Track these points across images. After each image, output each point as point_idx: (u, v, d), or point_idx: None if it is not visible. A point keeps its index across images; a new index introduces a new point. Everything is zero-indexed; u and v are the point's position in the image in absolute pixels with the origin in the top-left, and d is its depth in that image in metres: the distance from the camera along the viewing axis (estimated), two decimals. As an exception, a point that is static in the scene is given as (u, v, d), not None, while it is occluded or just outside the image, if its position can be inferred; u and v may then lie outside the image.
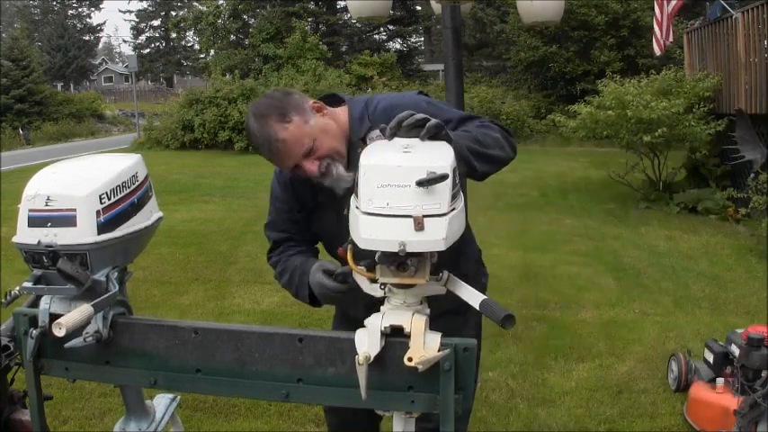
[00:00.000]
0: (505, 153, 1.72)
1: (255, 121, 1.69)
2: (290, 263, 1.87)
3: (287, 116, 1.67)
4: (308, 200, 1.87)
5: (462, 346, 1.31)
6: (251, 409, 3.37)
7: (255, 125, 1.69)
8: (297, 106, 1.70)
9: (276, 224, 1.95)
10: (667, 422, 3.23)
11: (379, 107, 1.80)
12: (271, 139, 1.67)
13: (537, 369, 3.85)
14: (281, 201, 1.92)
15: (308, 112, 1.71)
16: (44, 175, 1.50)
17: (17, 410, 1.81)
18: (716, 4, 8.82)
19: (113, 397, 3.41)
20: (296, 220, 1.91)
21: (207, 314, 4.80)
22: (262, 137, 1.68)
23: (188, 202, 9.51)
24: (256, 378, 1.45)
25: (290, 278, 1.84)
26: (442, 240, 1.21)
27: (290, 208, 1.90)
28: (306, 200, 1.87)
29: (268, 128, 1.67)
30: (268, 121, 1.67)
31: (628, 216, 8.20)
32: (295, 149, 1.68)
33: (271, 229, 1.96)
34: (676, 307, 4.90)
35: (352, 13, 3.74)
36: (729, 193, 7.93)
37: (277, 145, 1.67)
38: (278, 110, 1.68)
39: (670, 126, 8.24)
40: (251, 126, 1.70)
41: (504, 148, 1.72)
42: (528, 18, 3.66)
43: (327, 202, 1.82)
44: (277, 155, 1.69)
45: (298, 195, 1.88)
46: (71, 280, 1.41)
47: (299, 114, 1.69)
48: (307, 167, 1.70)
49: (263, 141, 1.68)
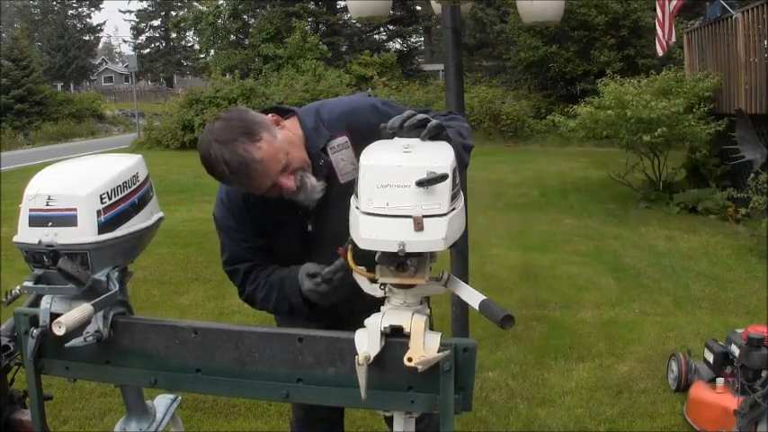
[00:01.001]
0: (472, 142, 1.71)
1: (222, 147, 1.54)
2: (272, 279, 1.76)
3: (256, 135, 1.57)
4: (266, 223, 1.77)
5: (462, 346, 1.31)
6: (251, 409, 3.37)
7: (223, 151, 1.54)
8: (261, 123, 1.60)
9: (239, 256, 1.80)
10: (667, 422, 3.23)
11: (334, 114, 1.74)
12: (247, 161, 1.54)
13: (537, 369, 3.85)
14: (237, 231, 1.79)
15: (272, 126, 1.62)
16: (45, 174, 1.51)
17: (17, 410, 1.81)
18: (716, 4, 8.82)
19: (113, 397, 3.41)
20: (257, 247, 1.80)
21: (207, 314, 4.81)
22: (235, 162, 1.54)
23: (188, 202, 9.52)
24: (256, 378, 1.45)
25: (279, 293, 1.73)
26: (442, 240, 1.21)
27: (251, 236, 1.78)
28: (265, 223, 1.77)
29: (241, 151, 1.54)
30: (238, 145, 1.54)
31: (628, 216, 8.20)
32: (272, 167, 1.58)
33: (233, 263, 1.81)
34: (676, 307, 4.90)
35: (352, 13, 3.74)
36: (729, 193, 7.93)
37: (255, 167, 1.55)
38: (244, 129, 1.56)
39: (670, 126, 8.24)
40: (215, 153, 1.55)
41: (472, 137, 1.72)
42: (528, 18, 3.65)
43: (288, 222, 1.76)
44: (255, 177, 1.57)
45: (255, 220, 1.77)
46: (72, 279, 1.41)
47: (266, 131, 1.59)
48: (284, 183, 1.62)
49: (238, 166, 1.54)
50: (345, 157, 1.72)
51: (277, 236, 1.79)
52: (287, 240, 1.78)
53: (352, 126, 1.72)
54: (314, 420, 2.14)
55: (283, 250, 1.80)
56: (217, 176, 1.61)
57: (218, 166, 1.56)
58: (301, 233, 1.77)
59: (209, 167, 1.59)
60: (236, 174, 1.56)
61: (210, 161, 1.57)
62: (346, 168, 1.72)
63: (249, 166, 1.55)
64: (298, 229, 1.77)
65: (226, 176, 1.58)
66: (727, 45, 8.75)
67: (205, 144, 1.58)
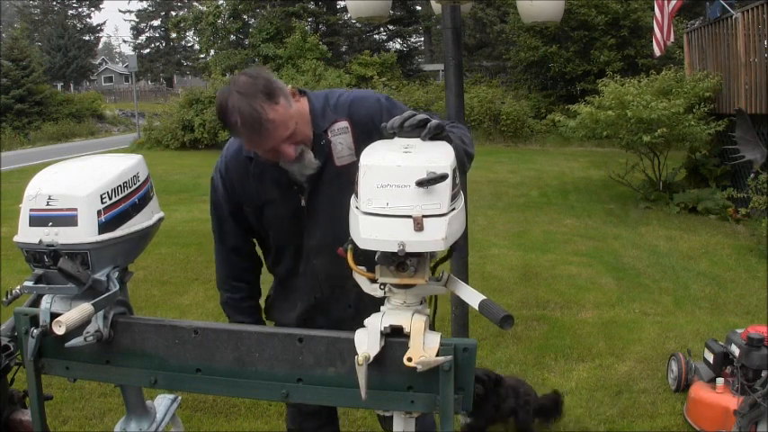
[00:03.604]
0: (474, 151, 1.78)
1: (241, 99, 1.62)
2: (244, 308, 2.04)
3: (275, 97, 1.65)
4: (254, 197, 1.87)
5: (462, 346, 1.31)
6: (251, 409, 3.37)
7: (241, 103, 1.61)
8: (281, 89, 1.68)
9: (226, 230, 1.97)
10: (667, 422, 3.24)
11: (341, 100, 1.83)
12: (260, 118, 1.61)
13: (537, 369, 3.85)
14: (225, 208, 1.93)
15: (290, 96, 1.71)
16: (45, 174, 1.51)
17: (17, 410, 1.81)
18: (716, 4, 8.82)
19: (113, 397, 3.41)
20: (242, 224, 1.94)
21: (207, 314, 4.80)
22: (248, 115, 1.61)
23: (188, 202, 9.51)
24: (256, 378, 1.45)
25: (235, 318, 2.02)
26: (442, 240, 1.21)
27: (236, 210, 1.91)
28: (253, 196, 1.87)
29: (258, 107, 1.61)
30: (256, 100, 1.62)
31: (628, 216, 8.20)
32: (280, 131, 1.66)
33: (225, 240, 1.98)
34: (676, 307, 4.90)
35: (351, 13, 3.73)
36: (729, 193, 7.94)
37: (266, 125, 1.63)
38: (266, 89, 1.64)
39: (670, 126, 8.24)
40: (233, 104, 1.62)
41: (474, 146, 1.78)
42: (528, 18, 3.65)
43: (281, 197, 1.85)
44: (262, 134, 1.64)
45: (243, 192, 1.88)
46: (72, 279, 1.41)
47: (285, 97, 1.68)
48: (285, 150, 1.70)
49: (249, 119, 1.61)
50: (343, 141, 1.80)
51: (269, 209, 1.88)
52: (280, 214, 1.87)
53: (354, 114, 1.81)
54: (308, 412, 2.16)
55: (276, 223, 1.90)
56: (228, 125, 1.67)
57: (232, 116, 1.63)
58: (295, 208, 1.85)
59: (222, 115, 1.66)
60: (246, 126, 1.62)
61: (227, 110, 1.64)
62: (343, 152, 1.80)
63: (261, 123, 1.62)
64: (291, 204, 1.85)
65: (236, 127, 1.64)
66: (727, 45, 8.75)
67: (225, 93, 1.65)
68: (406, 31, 28.03)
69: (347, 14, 23.66)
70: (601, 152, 13.51)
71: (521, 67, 19.88)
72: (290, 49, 21.14)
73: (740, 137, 7.53)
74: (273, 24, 23.05)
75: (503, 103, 17.42)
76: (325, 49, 21.77)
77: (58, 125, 25.28)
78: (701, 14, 12.41)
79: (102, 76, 53.26)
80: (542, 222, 7.94)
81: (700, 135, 8.39)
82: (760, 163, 7.20)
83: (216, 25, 24.33)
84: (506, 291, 5.30)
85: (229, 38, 24.90)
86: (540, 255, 6.43)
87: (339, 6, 26.07)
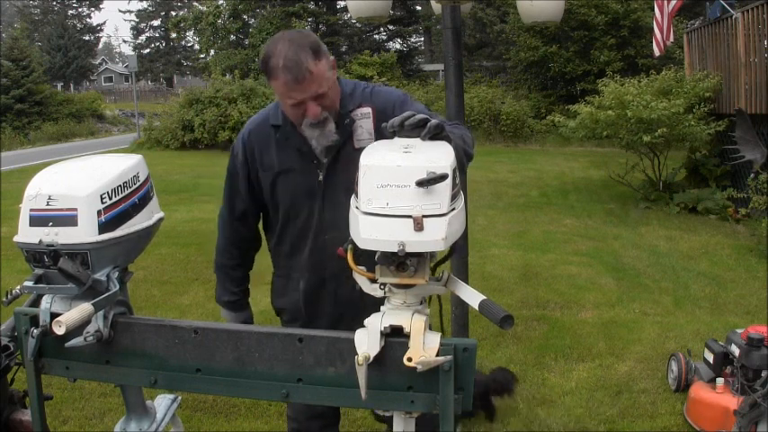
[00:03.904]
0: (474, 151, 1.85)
1: (290, 46, 1.73)
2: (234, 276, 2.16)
3: (319, 55, 1.76)
4: (273, 163, 1.96)
5: (462, 346, 1.31)
6: (251, 409, 3.37)
7: (288, 49, 1.73)
8: (326, 53, 1.80)
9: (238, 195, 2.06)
10: (667, 422, 3.24)
11: (367, 90, 1.96)
12: (302, 66, 1.72)
13: (537, 369, 3.85)
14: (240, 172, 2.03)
15: (331, 63, 1.83)
16: (45, 174, 1.51)
17: (17, 410, 1.81)
18: (716, 4, 8.82)
19: (113, 397, 3.41)
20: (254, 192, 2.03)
21: (207, 314, 4.80)
22: (292, 60, 1.72)
23: (188, 202, 9.51)
24: (256, 378, 1.45)
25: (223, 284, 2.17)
26: (442, 240, 1.21)
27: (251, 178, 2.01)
28: (272, 164, 1.96)
29: (302, 56, 1.72)
30: (303, 50, 1.73)
31: (628, 216, 8.20)
32: (314, 86, 1.75)
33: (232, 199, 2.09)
34: (676, 307, 4.90)
35: (352, 13, 3.73)
36: (729, 193, 7.94)
37: (304, 74, 1.72)
38: (313, 46, 1.76)
39: (670, 126, 8.24)
40: (281, 48, 1.73)
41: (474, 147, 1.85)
42: (528, 18, 3.65)
43: (298, 169, 1.93)
44: (298, 81, 1.73)
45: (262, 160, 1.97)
46: (72, 279, 1.41)
47: (327, 61, 1.80)
48: (311, 107, 1.79)
49: (292, 63, 1.71)
50: (365, 126, 1.90)
51: (285, 179, 1.96)
52: (296, 185, 1.94)
53: (377, 102, 1.92)
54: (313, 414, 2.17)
55: (290, 194, 1.96)
56: (269, 65, 1.76)
57: (277, 57, 1.74)
58: (312, 181, 1.93)
59: (267, 58, 1.77)
60: (286, 69, 1.73)
61: (273, 53, 1.75)
62: (363, 135, 1.90)
63: (300, 70, 1.72)
64: (309, 177, 1.92)
65: (277, 68, 1.74)
66: (727, 45, 8.75)
67: (276, 39, 1.79)
68: (406, 31, 28.03)
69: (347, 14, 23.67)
70: (601, 152, 13.51)
71: (521, 67, 19.88)
72: (290, 49, 21.11)
73: (740, 137, 7.53)
74: (273, 24, 23.05)
75: (503, 103, 17.42)
76: (325, 49, 21.75)
77: (58, 125, 25.28)
78: (701, 14, 12.41)
79: (102, 76, 53.27)
80: (542, 222, 7.94)
81: (700, 135, 8.40)
82: (760, 163, 7.20)
83: (216, 25, 24.35)
84: (506, 291, 5.30)
85: (229, 38, 24.92)
86: (540, 255, 6.43)
87: (339, 6, 26.08)
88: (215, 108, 17.22)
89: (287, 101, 1.81)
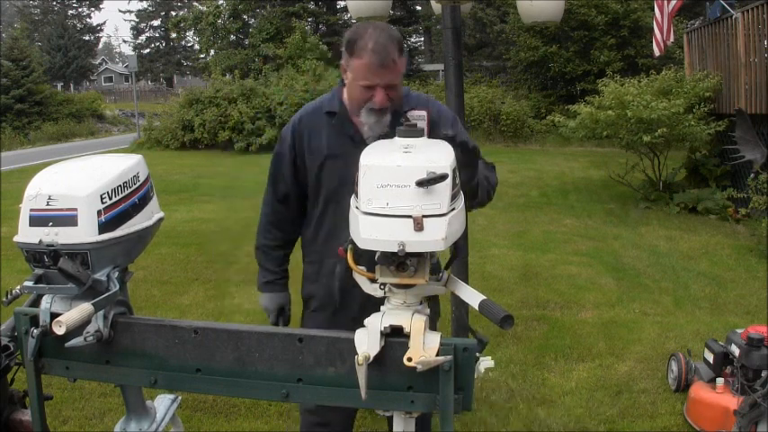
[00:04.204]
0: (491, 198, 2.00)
1: (379, 32, 1.90)
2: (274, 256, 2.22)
3: (402, 51, 1.94)
4: (322, 148, 2.06)
5: (462, 346, 1.31)
6: (251, 409, 3.37)
7: (379, 35, 1.89)
8: (405, 54, 1.98)
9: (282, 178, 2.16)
10: (667, 422, 3.24)
11: (423, 96, 2.14)
12: (389, 53, 1.88)
13: (537, 369, 3.85)
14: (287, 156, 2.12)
15: (405, 63, 1.98)
16: (45, 174, 1.51)
17: (17, 410, 1.81)
18: (716, 4, 8.82)
19: (113, 397, 3.41)
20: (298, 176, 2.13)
21: (207, 314, 4.80)
22: (382, 45, 1.87)
23: (188, 202, 9.51)
24: (256, 378, 1.45)
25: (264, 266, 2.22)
26: (442, 240, 1.21)
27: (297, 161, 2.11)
28: (321, 148, 2.06)
29: (390, 45, 1.89)
30: (392, 41, 1.90)
31: (628, 216, 8.20)
32: (392, 76, 1.91)
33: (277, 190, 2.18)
34: (676, 307, 4.90)
35: (352, 13, 3.74)
36: (729, 193, 7.94)
37: (388, 60, 1.88)
38: (400, 41, 1.94)
39: (670, 126, 8.24)
40: (373, 32, 1.89)
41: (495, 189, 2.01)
42: (528, 18, 3.65)
43: (345, 153, 1.98)
44: (382, 66, 1.88)
45: (310, 144, 2.08)
46: (72, 279, 1.41)
47: (405, 59, 1.97)
48: (380, 93, 1.91)
49: (380, 48, 1.87)
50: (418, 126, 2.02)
51: (332, 163, 2.05)
52: (340, 171, 2.01)
53: (434, 111, 2.07)
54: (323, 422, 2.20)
55: (335, 178, 2.04)
56: (357, 44, 1.90)
57: (366, 39, 1.89)
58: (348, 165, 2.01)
59: (357, 36, 1.91)
60: (374, 52, 1.88)
61: (363, 33, 1.91)
62: None
63: (386, 57, 1.88)
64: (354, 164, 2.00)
65: (365, 48, 1.88)
66: (727, 45, 8.75)
67: (365, 24, 1.96)
68: (406, 31, 28.01)
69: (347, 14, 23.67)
70: (601, 152, 13.51)
71: (521, 67, 19.88)
72: (290, 49, 21.14)
73: (740, 137, 7.53)
74: (273, 24, 23.07)
75: (503, 103, 17.41)
76: (325, 49, 21.76)
77: (58, 125, 25.27)
78: (701, 14, 12.41)
79: (102, 76, 53.26)
80: (542, 222, 7.94)
81: (700, 135, 8.39)
82: (760, 163, 7.21)
83: (216, 25, 24.35)
84: (506, 291, 5.30)
85: (229, 38, 24.92)
86: (540, 255, 6.43)
87: (339, 6, 26.10)
88: (215, 108, 17.22)
89: (362, 81, 1.92)
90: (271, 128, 16.67)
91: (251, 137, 16.66)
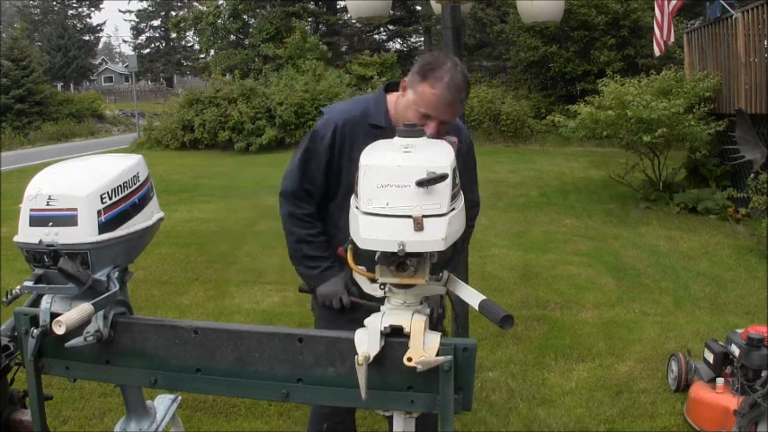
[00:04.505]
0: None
1: (458, 70, 1.95)
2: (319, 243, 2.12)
3: (467, 96, 2.04)
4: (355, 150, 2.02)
5: (462, 346, 1.31)
6: (251, 409, 3.37)
7: (456, 71, 1.95)
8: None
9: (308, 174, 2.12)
10: (667, 422, 3.24)
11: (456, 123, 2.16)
12: (459, 94, 1.95)
13: (537, 369, 3.85)
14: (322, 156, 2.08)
15: None
16: (45, 174, 1.51)
17: (17, 410, 1.81)
18: (716, 4, 8.82)
19: (113, 397, 3.41)
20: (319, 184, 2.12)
21: (207, 314, 4.80)
22: (456, 84, 1.94)
23: (188, 202, 9.51)
24: (256, 378, 1.45)
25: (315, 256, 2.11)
26: (442, 240, 1.21)
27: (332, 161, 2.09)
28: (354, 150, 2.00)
29: (463, 87, 1.96)
30: (465, 83, 1.97)
31: (628, 216, 8.20)
32: (450, 115, 1.98)
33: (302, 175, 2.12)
34: (676, 307, 4.90)
35: (352, 13, 3.74)
36: (729, 193, 7.93)
37: (456, 103, 1.96)
38: (468, 87, 2.03)
39: (670, 126, 8.24)
40: (449, 65, 1.95)
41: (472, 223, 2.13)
42: (528, 18, 3.65)
43: None
44: (448, 104, 1.94)
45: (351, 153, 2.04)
46: (72, 279, 1.41)
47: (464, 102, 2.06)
48: (432, 126, 1.94)
49: (454, 87, 1.93)
50: None
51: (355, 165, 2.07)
52: None
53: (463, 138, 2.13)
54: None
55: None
56: (434, 73, 1.94)
57: (444, 72, 1.94)
58: None
59: (434, 63, 1.97)
60: (448, 88, 1.93)
61: (442, 64, 1.96)
62: None
63: (456, 97, 1.95)
64: None
65: (440, 80, 1.93)
66: (727, 45, 8.75)
67: (444, 56, 2.02)
68: (406, 31, 28.07)
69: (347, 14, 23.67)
70: (601, 152, 13.51)
71: (521, 67, 19.87)
72: (290, 49, 21.15)
73: (740, 137, 7.54)
74: (273, 24, 23.08)
75: (503, 103, 17.41)
76: (325, 49, 21.77)
77: (58, 125, 25.28)
78: (701, 14, 12.40)
79: (102, 76, 53.27)
80: (542, 222, 7.94)
81: (700, 135, 8.39)
82: (760, 163, 7.21)
83: (216, 25, 24.36)
84: (506, 291, 5.30)
85: (229, 38, 24.93)
86: (540, 255, 6.43)
87: (339, 6, 26.10)
88: (215, 108, 17.23)
89: (423, 109, 1.94)
90: (271, 128, 16.69)
91: (251, 137, 16.67)
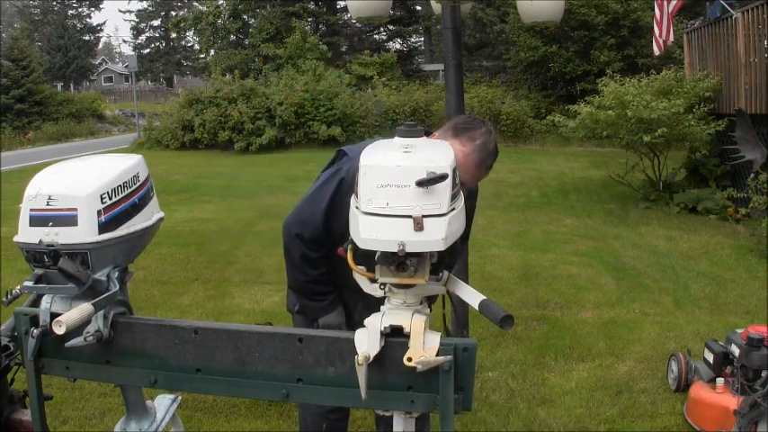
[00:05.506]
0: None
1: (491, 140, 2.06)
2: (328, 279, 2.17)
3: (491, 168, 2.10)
4: None
5: (462, 346, 1.31)
6: (251, 409, 3.37)
7: (490, 141, 2.05)
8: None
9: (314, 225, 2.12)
10: (667, 422, 3.23)
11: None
12: (485, 160, 2.04)
13: (537, 369, 3.85)
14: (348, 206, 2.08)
15: None
16: (45, 174, 1.50)
17: (17, 410, 1.81)
18: (716, 4, 8.83)
19: (113, 397, 3.41)
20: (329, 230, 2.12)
21: (207, 314, 4.80)
22: (486, 151, 2.03)
23: (188, 202, 9.51)
24: (256, 378, 1.45)
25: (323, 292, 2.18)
26: (442, 240, 1.21)
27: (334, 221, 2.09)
28: None
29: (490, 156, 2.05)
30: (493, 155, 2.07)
31: (628, 216, 8.20)
32: (474, 177, 2.06)
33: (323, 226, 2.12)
34: (676, 307, 4.90)
35: (352, 13, 3.74)
36: (729, 193, 7.94)
37: (482, 167, 2.04)
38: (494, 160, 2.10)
39: (670, 126, 8.24)
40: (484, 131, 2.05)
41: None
42: (528, 18, 3.65)
43: None
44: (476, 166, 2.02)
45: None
46: (72, 279, 1.41)
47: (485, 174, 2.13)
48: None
49: (485, 152, 2.02)
50: None
51: None
52: None
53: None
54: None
55: None
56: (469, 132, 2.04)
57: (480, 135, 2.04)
58: None
59: (474, 124, 2.08)
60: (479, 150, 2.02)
61: (480, 127, 2.07)
62: None
63: (483, 161, 2.03)
64: None
65: (473, 140, 2.02)
66: (727, 45, 8.75)
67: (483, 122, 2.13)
68: (406, 31, 28.08)
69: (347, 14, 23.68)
70: (601, 152, 13.51)
71: (521, 67, 19.88)
72: (290, 49, 21.18)
73: (740, 137, 7.54)
74: (273, 24, 23.10)
75: (503, 103, 17.42)
76: (325, 49, 21.79)
77: (58, 125, 25.27)
78: (701, 14, 12.41)
79: (102, 76, 53.26)
80: (542, 222, 7.94)
81: (700, 135, 8.39)
82: (760, 163, 7.21)
83: (216, 25, 24.39)
84: (506, 291, 5.30)
85: (229, 38, 24.96)
86: (540, 255, 6.43)
87: (339, 6, 26.12)
88: (215, 108, 17.23)
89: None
90: (271, 128, 16.69)
91: (251, 137, 16.67)
